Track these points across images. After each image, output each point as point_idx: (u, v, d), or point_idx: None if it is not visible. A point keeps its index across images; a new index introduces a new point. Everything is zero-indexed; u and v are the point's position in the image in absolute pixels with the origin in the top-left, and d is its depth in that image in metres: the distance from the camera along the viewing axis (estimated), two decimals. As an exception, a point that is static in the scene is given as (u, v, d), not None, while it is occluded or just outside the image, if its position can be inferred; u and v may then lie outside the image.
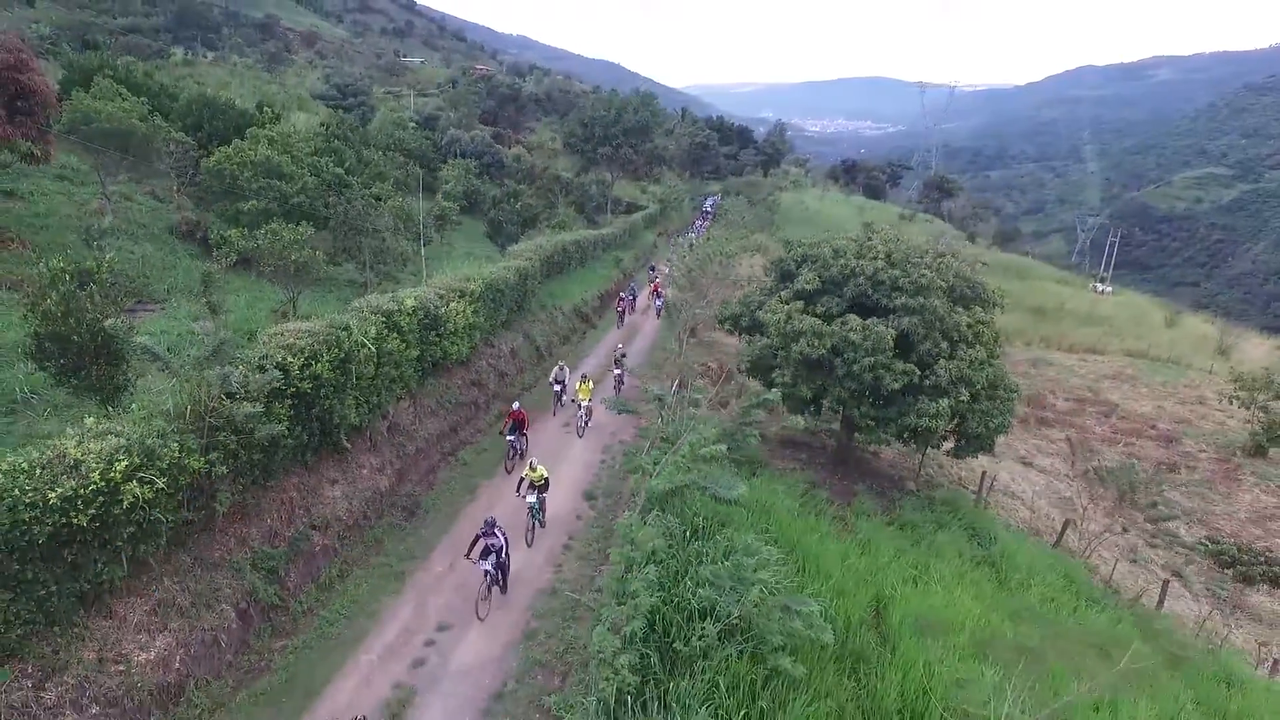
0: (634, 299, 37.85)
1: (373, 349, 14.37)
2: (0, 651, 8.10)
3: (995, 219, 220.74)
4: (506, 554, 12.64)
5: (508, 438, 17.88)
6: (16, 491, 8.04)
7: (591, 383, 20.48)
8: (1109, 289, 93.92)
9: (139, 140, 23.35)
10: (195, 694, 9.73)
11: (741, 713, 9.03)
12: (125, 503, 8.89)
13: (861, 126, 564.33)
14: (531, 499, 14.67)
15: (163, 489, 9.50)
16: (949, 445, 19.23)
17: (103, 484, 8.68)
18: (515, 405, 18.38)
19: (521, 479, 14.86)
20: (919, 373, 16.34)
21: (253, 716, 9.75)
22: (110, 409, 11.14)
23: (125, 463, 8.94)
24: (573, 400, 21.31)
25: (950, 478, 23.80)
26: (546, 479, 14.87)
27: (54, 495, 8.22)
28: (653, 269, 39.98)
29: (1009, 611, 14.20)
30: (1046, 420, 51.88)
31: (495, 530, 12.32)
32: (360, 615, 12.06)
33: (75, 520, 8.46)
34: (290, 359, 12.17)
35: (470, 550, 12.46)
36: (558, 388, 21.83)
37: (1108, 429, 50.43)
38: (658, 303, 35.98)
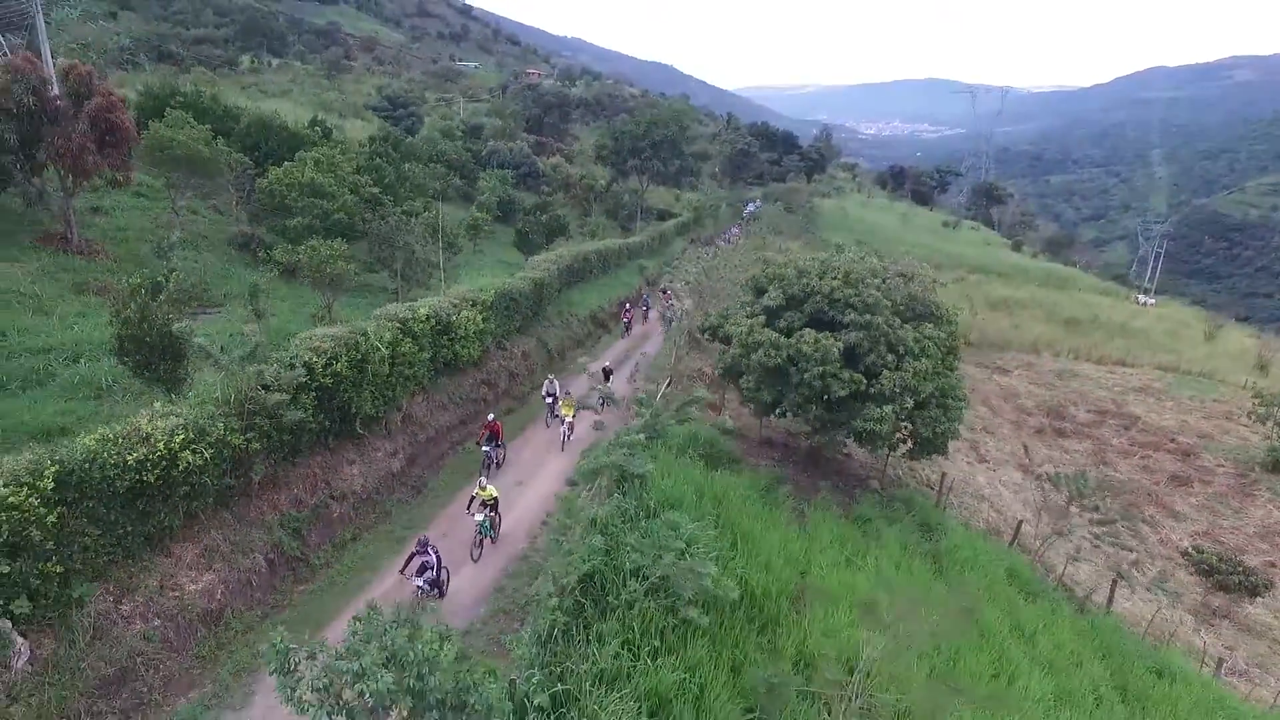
0: (647, 310, 39.63)
1: (385, 352, 17.11)
2: (90, 573, 10.96)
3: (1054, 225, 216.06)
4: (437, 571, 13.40)
5: (483, 448, 19.03)
6: (104, 455, 10.89)
7: (575, 399, 21.35)
8: (1152, 300, 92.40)
9: (204, 162, 26.81)
10: (231, 619, 12.50)
11: (650, 647, 11.35)
12: (181, 467, 11.71)
13: (919, 129, 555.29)
14: (480, 517, 15.32)
15: (210, 459, 12.32)
16: (905, 449, 21.07)
17: (165, 452, 11.51)
18: (490, 417, 19.63)
19: (472, 497, 15.63)
20: (865, 381, 18.34)
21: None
22: (173, 396, 14.03)
23: (182, 437, 11.77)
24: (556, 416, 22.16)
25: (920, 481, 25.48)
26: (496, 498, 15.73)
27: (130, 458, 11.07)
28: (664, 291, 41.85)
29: (922, 591, 16.13)
30: (1064, 431, 52.39)
31: (428, 549, 13.26)
32: (366, 570, 14.76)
33: (145, 478, 11.30)
34: (315, 358, 14.96)
35: (405, 566, 13.39)
36: (549, 400, 22.71)
37: (1125, 441, 50.71)
38: (665, 314, 37.63)
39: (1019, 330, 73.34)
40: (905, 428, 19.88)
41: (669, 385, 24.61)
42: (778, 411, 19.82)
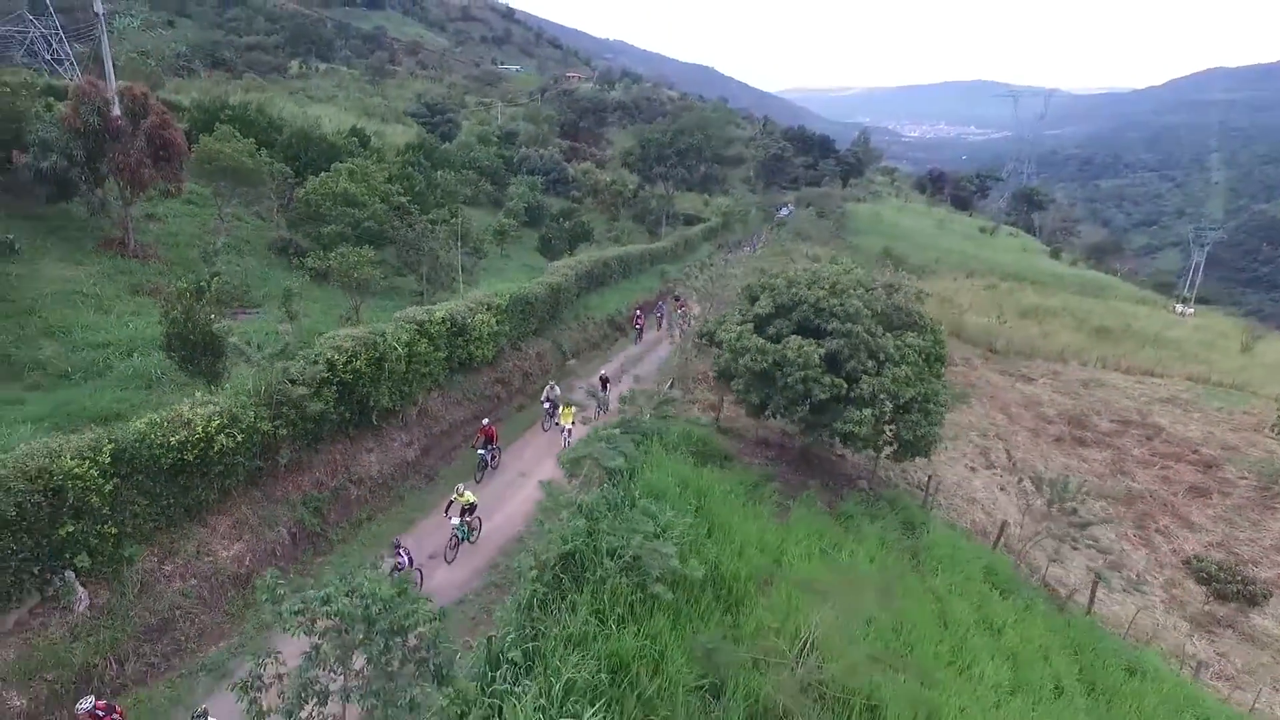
0: (661, 316, 40.56)
1: (402, 351, 18.85)
2: (139, 536, 12.82)
3: (1103, 230, 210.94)
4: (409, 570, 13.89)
5: (479, 451, 20.06)
6: (152, 436, 12.74)
7: (575, 408, 21.73)
8: (1190, 310, 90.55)
9: (248, 172, 29.06)
10: (257, 583, 14.28)
11: (617, 616, 12.79)
12: (216, 449, 13.54)
13: (965, 132, 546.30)
14: (456, 521, 16.05)
15: (241, 442, 14.14)
16: (889, 451, 22.12)
17: (203, 435, 13.33)
18: (485, 421, 20.66)
19: (450, 501, 16.38)
20: (846, 386, 19.53)
21: (294, 602, 14.25)
22: (212, 388, 15.91)
23: (218, 422, 13.60)
24: (556, 423, 22.86)
25: (912, 483, 26.39)
26: (474, 504, 16.51)
27: (174, 440, 12.92)
28: (676, 298, 42.79)
29: (859, 573, 17.34)
30: (1085, 440, 52.34)
31: (400, 550, 14.16)
32: (379, 546, 16.45)
33: (185, 457, 13.13)
34: (336, 356, 16.75)
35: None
36: (548, 405, 23.57)
37: (1146, 451, 50.55)
38: (674, 320, 37.62)
39: (1047, 338, 72.87)
40: (889, 431, 20.94)
41: (671, 386, 25.97)
42: (766, 413, 21.08)
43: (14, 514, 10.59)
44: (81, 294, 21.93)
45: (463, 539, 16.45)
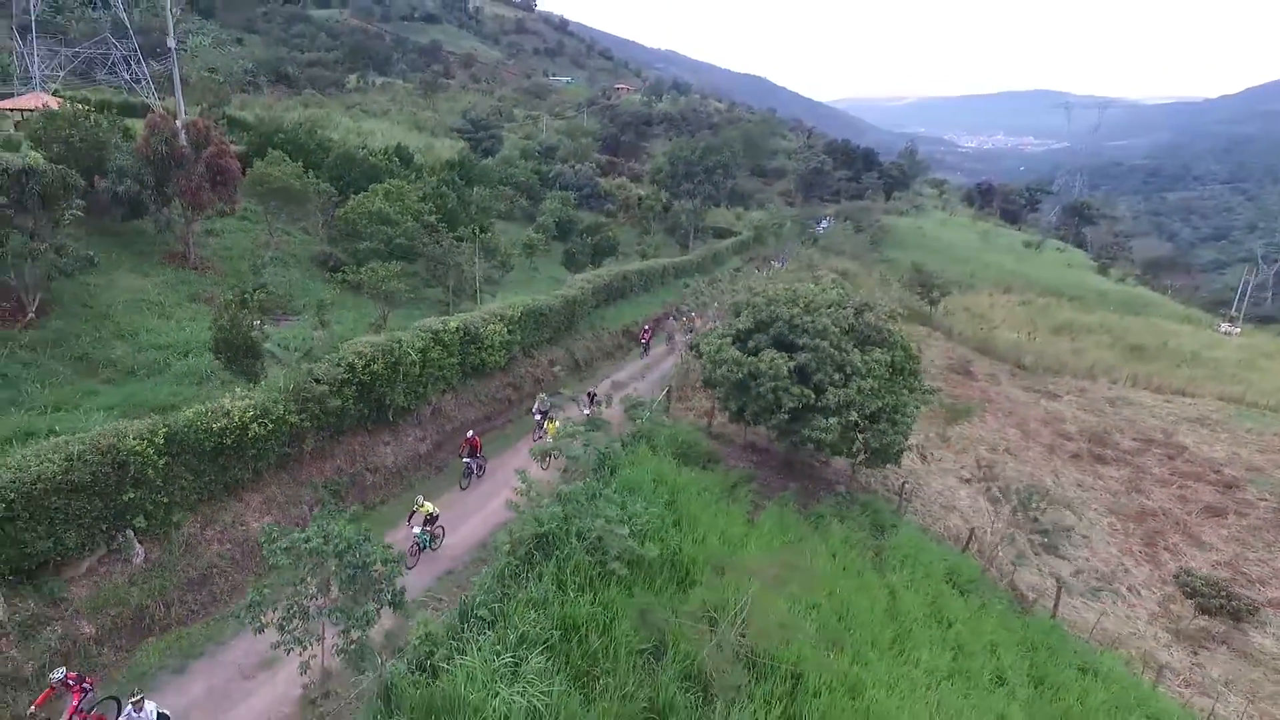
0: (670, 334, 41.85)
1: (416, 357, 21.39)
2: (186, 506, 15.52)
3: (1168, 245, 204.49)
4: None
5: (464, 460, 21.26)
6: (198, 423, 15.44)
7: (560, 423, 21.98)
8: (1236, 330, 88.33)
9: (295, 192, 32.29)
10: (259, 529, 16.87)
11: (577, 584, 14.93)
12: (250, 435, 16.18)
13: (1022, 143, 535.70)
14: (417, 530, 16.99)
15: (272, 431, 16.79)
16: (861, 457, 23.80)
17: (240, 424, 15.99)
18: (470, 433, 21.94)
19: (412, 511, 17.27)
20: (814, 396, 21.39)
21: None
22: (251, 385, 18.65)
23: (252, 414, 16.26)
24: (544, 434, 23.42)
25: (892, 490, 27.85)
26: (434, 514, 17.54)
27: (216, 426, 15.60)
28: (681, 312, 42.82)
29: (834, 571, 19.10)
30: (1104, 458, 52.63)
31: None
32: (388, 526, 18.93)
33: (225, 442, 15.81)
34: (356, 360, 19.37)
35: None
36: (538, 417, 24.47)
37: (1165, 470, 50.66)
38: (677, 334, 38.60)
39: (1078, 355, 72.53)
40: (858, 439, 22.66)
41: (667, 394, 28.08)
42: (744, 419, 23.04)
43: (89, 480, 13.31)
44: (148, 301, 25.15)
45: (424, 547, 17.38)
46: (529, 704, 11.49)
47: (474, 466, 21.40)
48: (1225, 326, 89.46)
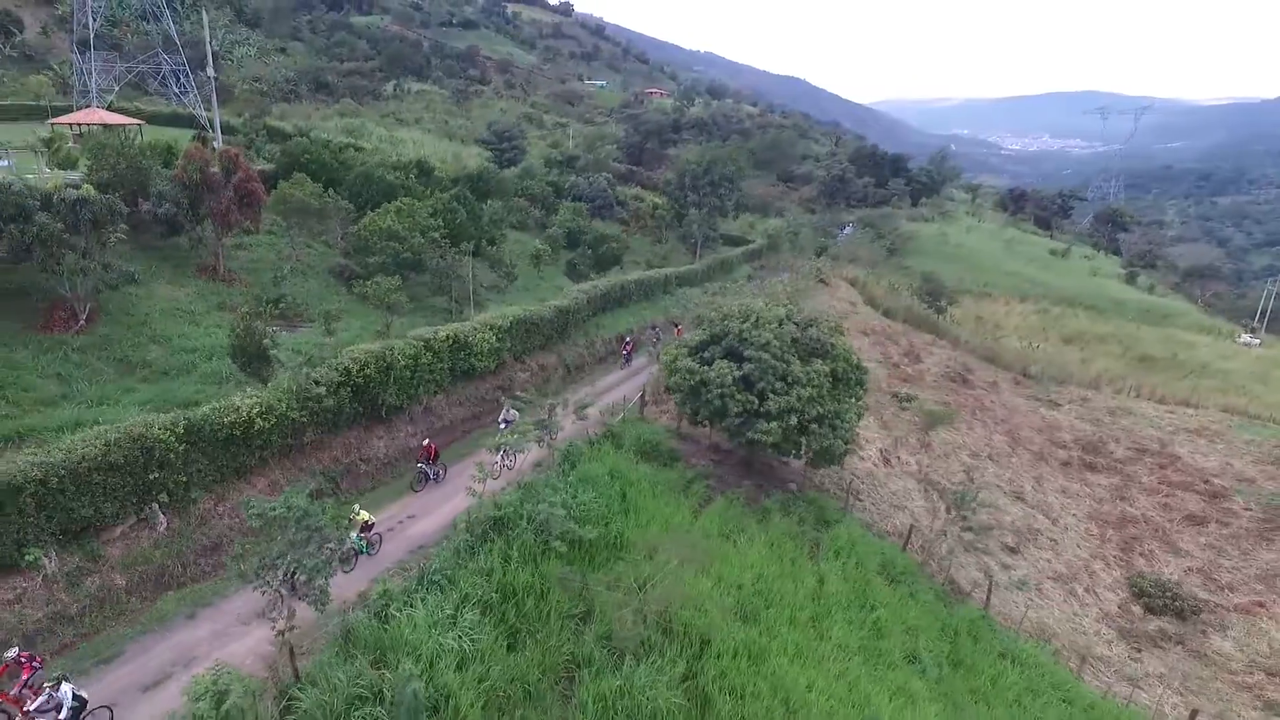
0: (657, 341, 43.59)
1: (406, 362, 24.39)
2: (201, 486, 18.67)
3: (1218, 250, 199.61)
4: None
5: (419, 465, 22.82)
6: (214, 417, 18.58)
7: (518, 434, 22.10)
8: (1257, 341, 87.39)
9: (315, 210, 35.72)
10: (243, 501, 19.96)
11: (521, 558, 17.68)
12: (256, 428, 19.29)
13: (1068, 145, 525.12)
14: (353, 535, 17.87)
15: (275, 425, 19.87)
16: (806, 458, 26.15)
17: (247, 418, 19.11)
18: (426, 441, 23.47)
19: (349, 520, 17.95)
20: (757, 403, 23.89)
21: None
22: (261, 386, 21.82)
23: (258, 410, 19.36)
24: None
25: (846, 489, 30.00)
26: (369, 522, 18.72)
27: (227, 420, 18.73)
28: (654, 325, 43.72)
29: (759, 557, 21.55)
30: (1095, 466, 53.96)
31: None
32: (376, 509, 21.93)
33: (234, 433, 18.93)
34: (351, 364, 22.43)
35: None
36: (504, 426, 25.22)
37: (1155, 479, 51.81)
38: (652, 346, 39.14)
39: (1085, 365, 73.17)
40: (802, 441, 25.04)
41: (640, 398, 30.70)
42: (699, 422, 25.61)
43: (122, 462, 16.50)
44: (181, 310, 28.62)
45: (360, 552, 18.44)
46: (459, 646, 14.30)
47: (430, 473, 22.87)
48: (1246, 337, 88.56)
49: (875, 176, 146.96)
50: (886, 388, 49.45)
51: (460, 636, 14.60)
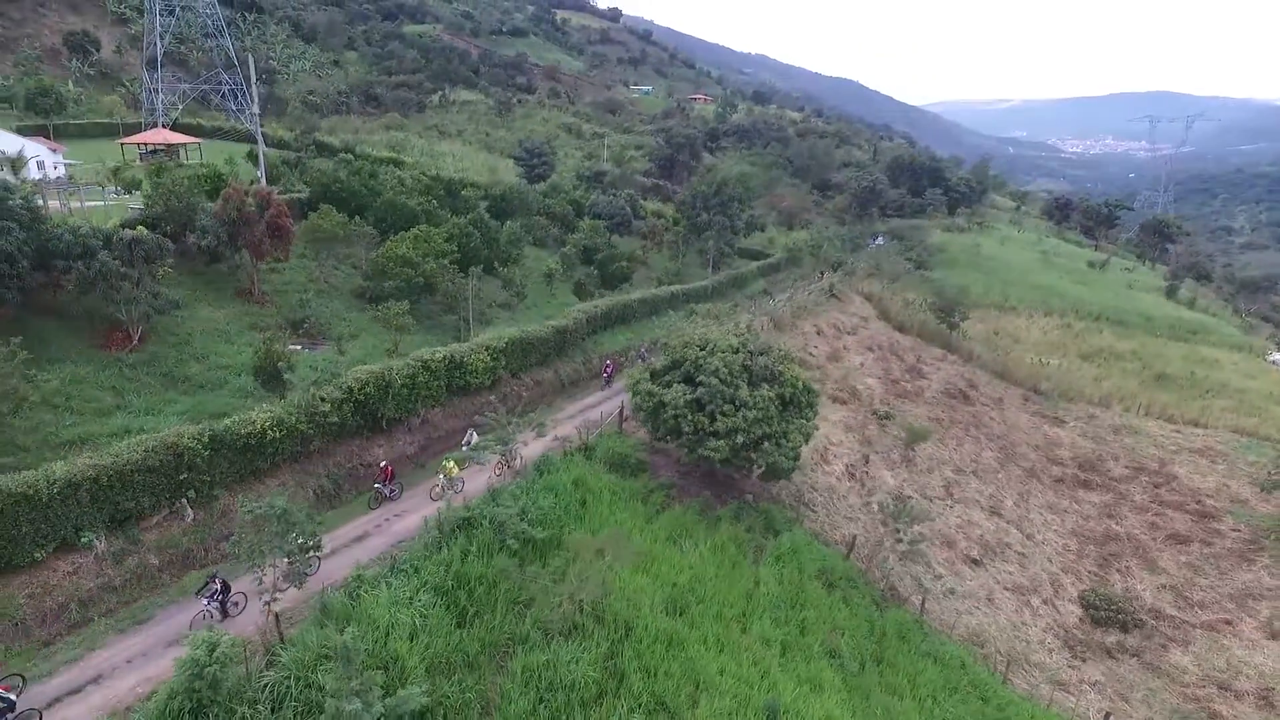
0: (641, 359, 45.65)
1: (404, 381, 28.06)
2: (222, 485, 22.59)
3: None
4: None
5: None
6: (233, 428, 22.47)
7: (462, 463, 25.77)
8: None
9: (341, 237, 39.97)
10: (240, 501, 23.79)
11: (478, 553, 21.07)
12: (268, 438, 23.15)
13: (1133, 148, 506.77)
14: (205, 601, 18.24)
15: (285, 435, 23.71)
16: (758, 473, 28.99)
17: (261, 430, 22.98)
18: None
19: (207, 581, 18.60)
20: (708, 423, 26.91)
21: (308, 533, 23.64)
22: (277, 401, 25.73)
23: (270, 423, 23.22)
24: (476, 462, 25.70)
25: (801, 501, 32.68)
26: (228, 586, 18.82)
27: (244, 431, 22.62)
28: (645, 347, 45.08)
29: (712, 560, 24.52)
30: (1089, 483, 55.36)
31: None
32: (368, 511, 25.60)
33: (250, 442, 22.82)
34: (353, 383, 26.22)
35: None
36: (465, 448, 26.82)
37: (1147, 498, 52.91)
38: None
39: (1098, 382, 73.28)
40: (750, 458, 27.92)
41: (618, 415, 33.89)
42: (658, 439, 28.74)
43: (158, 465, 20.48)
44: (219, 330, 32.89)
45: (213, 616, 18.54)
46: (411, 621, 17.77)
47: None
48: (1276, 355, 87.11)
49: (911, 185, 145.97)
50: (879, 404, 51.57)
51: (414, 614, 18.06)
